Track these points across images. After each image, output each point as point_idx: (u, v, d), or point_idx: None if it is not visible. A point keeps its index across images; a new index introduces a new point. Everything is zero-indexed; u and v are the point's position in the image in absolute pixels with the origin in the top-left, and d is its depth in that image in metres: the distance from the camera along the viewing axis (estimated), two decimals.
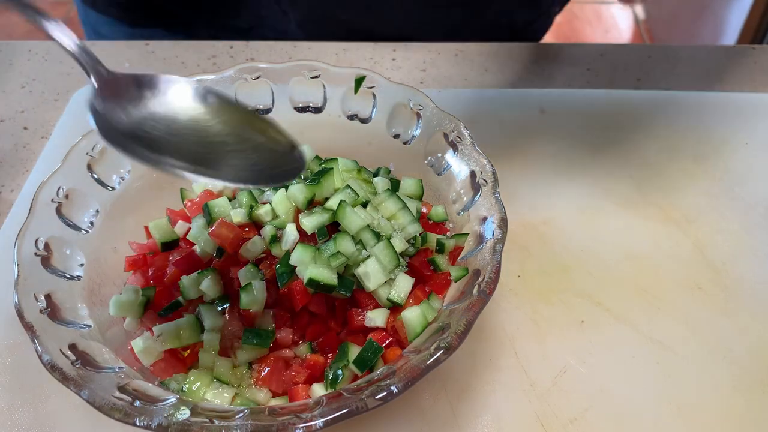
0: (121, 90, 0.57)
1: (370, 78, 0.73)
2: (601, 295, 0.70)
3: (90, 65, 0.57)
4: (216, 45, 1.02)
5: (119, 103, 0.57)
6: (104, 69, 0.57)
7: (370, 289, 0.61)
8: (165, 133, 0.57)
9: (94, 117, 0.53)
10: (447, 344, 0.52)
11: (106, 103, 0.56)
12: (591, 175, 0.83)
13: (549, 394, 0.62)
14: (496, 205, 0.62)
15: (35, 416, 0.60)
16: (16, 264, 0.57)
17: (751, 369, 0.64)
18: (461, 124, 0.69)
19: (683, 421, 0.61)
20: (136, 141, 0.55)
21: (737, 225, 0.77)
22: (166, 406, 0.50)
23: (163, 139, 0.56)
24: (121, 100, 0.57)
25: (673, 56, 1.02)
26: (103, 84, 0.56)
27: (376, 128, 0.74)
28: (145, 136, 0.56)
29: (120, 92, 0.57)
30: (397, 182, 0.71)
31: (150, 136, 0.56)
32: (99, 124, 0.53)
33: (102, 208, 0.67)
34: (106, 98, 0.56)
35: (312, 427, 0.48)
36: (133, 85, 0.58)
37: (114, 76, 0.58)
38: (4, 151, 0.87)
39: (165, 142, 0.56)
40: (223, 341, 0.61)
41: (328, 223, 0.64)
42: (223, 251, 0.65)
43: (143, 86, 0.59)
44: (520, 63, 1.00)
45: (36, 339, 0.52)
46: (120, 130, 0.55)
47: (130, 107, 0.57)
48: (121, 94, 0.57)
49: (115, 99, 0.57)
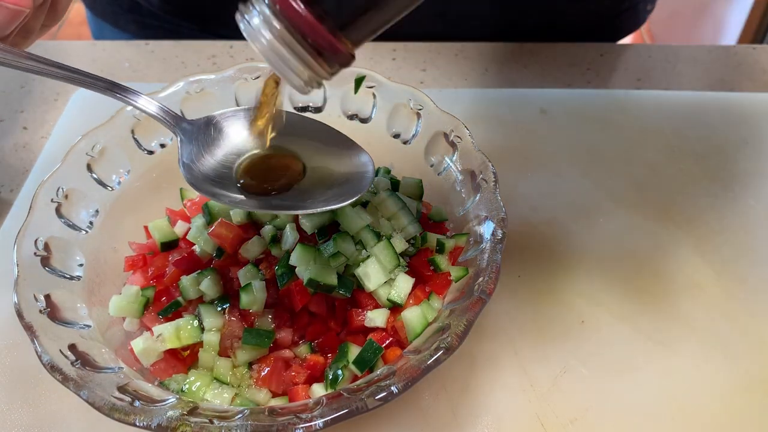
0: (202, 135, 0.61)
1: (370, 78, 0.73)
2: (601, 295, 0.70)
3: (174, 123, 0.61)
4: (216, 45, 1.02)
5: (203, 149, 0.61)
6: (186, 123, 0.61)
7: (370, 289, 0.61)
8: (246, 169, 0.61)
9: (186, 170, 0.57)
10: (447, 344, 0.52)
11: (194, 154, 0.60)
12: (591, 175, 0.83)
13: (549, 394, 0.62)
14: (496, 205, 0.62)
15: (35, 416, 0.60)
16: (16, 264, 0.57)
17: (751, 369, 0.64)
18: (461, 124, 0.68)
19: (683, 421, 0.61)
20: (222, 184, 0.59)
21: (737, 225, 0.77)
22: (166, 406, 0.50)
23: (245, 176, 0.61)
24: (204, 145, 0.61)
25: (673, 56, 1.02)
26: (187, 138, 0.60)
27: (376, 128, 0.74)
28: (228, 174, 0.60)
29: (200, 138, 0.61)
30: (397, 182, 0.71)
31: (235, 175, 0.61)
32: (190, 177, 0.57)
33: (102, 208, 0.67)
34: (192, 150, 0.60)
35: (312, 427, 0.48)
36: (211, 127, 0.62)
37: (194, 125, 0.62)
38: (4, 151, 0.87)
39: (248, 179, 0.60)
40: (223, 341, 0.61)
41: (328, 223, 0.64)
42: (223, 251, 0.65)
43: (216, 126, 0.63)
44: (520, 63, 1.00)
45: (36, 339, 0.52)
46: (209, 177, 0.59)
47: (214, 149, 0.62)
48: (202, 139, 0.61)
49: (198, 146, 0.61)
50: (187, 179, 0.57)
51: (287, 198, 0.60)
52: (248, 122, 0.63)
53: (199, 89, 0.72)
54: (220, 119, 0.63)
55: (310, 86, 0.50)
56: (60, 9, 0.59)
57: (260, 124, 0.61)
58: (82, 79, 0.56)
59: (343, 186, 0.61)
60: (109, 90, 0.58)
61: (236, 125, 0.63)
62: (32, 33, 0.57)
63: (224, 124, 0.63)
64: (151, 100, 0.60)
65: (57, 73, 0.55)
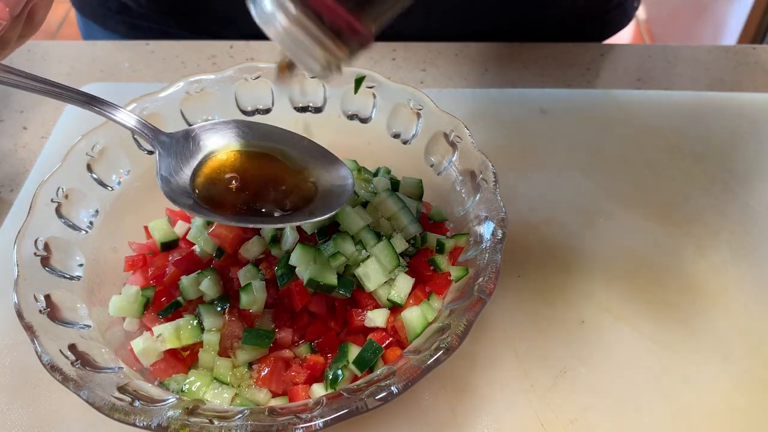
0: (180, 148, 0.61)
1: (370, 78, 0.73)
2: (601, 295, 0.70)
3: (152, 136, 0.60)
4: (216, 45, 1.02)
5: (180, 162, 0.61)
6: (164, 136, 0.61)
7: (370, 289, 0.61)
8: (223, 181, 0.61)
9: (163, 183, 0.57)
10: (447, 344, 0.52)
11: (172, 167, 0.60)
12: (591, 175, 0.83)
13: (549, 394, 0.62)
14: (496, 205, 0.62)
15: (35, 416, 0.60)
16: (16, 264, 0.57)
17: (751, 369, 0.64)
18: (461, 124, 0.69)
19: (683, 421, 0.61)
20: (202, 196, 0.59)
21: (737, 225, 0.77)
22: (166, 406, 0.50)
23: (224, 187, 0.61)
24: (183, 158, 0.61)
25: (673, 56, 1.02)
26: (165, 150, 0.60)
27: (376, 128, 0.74)
28: (209, 186, 0.60)
29: (180, 151, 0.61)
30: (397, 182, 0.71)
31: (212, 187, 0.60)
32: (168, 190, 0.57)
33: (102, 208, 0.67)
34: (170, 163, 0.60)
35: (312, 427, 0.48)
36: (189, 139, 0.62)
37: (172, 138, 0.61)
38: (4, 151, 0.87)
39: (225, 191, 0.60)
40: (223, 341, 0.61)
41: (328, 223, 0.64)
42: (223, 251, 0.65)
43: (195, 139, 0.62)
44: (520, 63, 1.00)
45: (36, 339, 0.52)
46: (187, 190, 0.59)
47: (192, 161, 0.61)
48: (181, 151, 0.61)
49: (177, 158, 0.61)
50: (165, 192, 0.57)
51: (267, 210, 0.60)
52: (226, 134, 0.63)
53: (199, 89, 0.72)
54: (198, 131, 0.63)
55: (329, 71, 0.48)
56: (37, 20, 0.58)
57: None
58: (59, 92, 0.56)
59: (324, 198, 0.61)
60: (87, 104, 0.57)
61: (215, 137, 0.63)
62: (8, 44, 0.56)
63: (203, 137, 0.63)
64: (129, 113, 0.60)
65: (34, 86, 0.55)
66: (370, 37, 0.46)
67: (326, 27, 0.44)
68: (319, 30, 0.44)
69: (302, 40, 0.45)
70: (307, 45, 0.45)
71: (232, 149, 0.63)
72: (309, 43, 0.45)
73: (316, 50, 0.45)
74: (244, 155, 0.63)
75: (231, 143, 0.63)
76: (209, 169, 0.61)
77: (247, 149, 0.63)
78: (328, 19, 0.44)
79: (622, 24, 1.14)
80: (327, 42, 0.45)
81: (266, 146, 0.64)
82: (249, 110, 0.75)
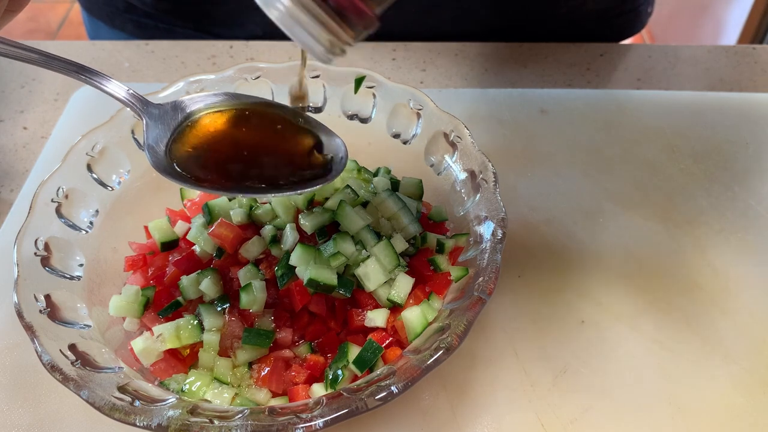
0: (168, 120, 0.61)
1: (370, 78, 0.73)
2: (601, 295, 0.70)
3: (140, 107, 0.60)
4: (216, 45, 1.02)
5: (168, 133, 0.60)
6: (154, 107, 0.60)
7: (370, 289, 0.61)
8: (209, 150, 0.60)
9: (150, 154, 0.57)
10: (447, 344, 0.52)
11: (159, 138, 0.59)
12: (591, 175, 0.83)
13: (549, 394, 0.62)
14: (496, 205, 0.62)
15: (35, 416, 0.60)
16: (16, 264, 0.57)
17: (751, 369, 0.64)
18: (461, 124, 0.69)
19: (683, 421, 0.61)
20: (189, 166, 0.58)
21: (737, 225, 0.77)
22: (166, 406, 0.50)
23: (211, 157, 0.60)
24: (170, 129, 0.60)
25: (673, 56, 1.02)
26: (153, 121, 0.59)
27: (376, 128, 0.74)
28: (196, 157, 0.59)
29: (168, 122, 0.60)
30: (397, 182, 0.71)
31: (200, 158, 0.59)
32: (154, 160, 0.56)
33: (102, 208, 0.67)
34: (158, 134, 0.59)
35: (312, 427, 0.48)
36: (178, 111, 0.61)
37: (161, 109, 0.61)
38: (4, 151, 0.87)
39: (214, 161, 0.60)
40: (223, 341, 0.61)
41: (327, 223, 0.64)
42: (223, 251, 0.65)
43: (184, 109, 0.62)
44: (520, 63, 1.00)
45: (36, 339, 0.52)
46: (175, 160, 0.58)
47: (177, 134, 0.60)
48: (169, 123, 0.60)
49: (165, 129, 0.60)
50: (152, 163, 0.56)
51: (257, 179, 0.59)
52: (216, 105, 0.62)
53: (199, 89, 0.72)
54: (188, 102, 0.62)
55: (332, 54, 0.47)
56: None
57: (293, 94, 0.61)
58: (48, 61, 0.55)
59: (317, 168, 0.60)
60: (77, 73, 0.57)
61: (204, 108, 0.62)
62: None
63: (192, 108, 0.62)
64: (119, 84, 0.59)
65: (21, 54, 0.54)
66: (375, 19, 0.45)
67: (329, 7, 0.43)
68: (323, 10, 0.43)
69: (305, 21, 0.44)
70: (310, 26, 0.44)
71: (222, 120, 0.62)
72: (312, 25, 0.44)
73: (320, 32, 0.44)
74: (234, 126, 0.62)
75: (221, 115, 0.63)
76: (198, 140, 0.61)
77: (238, 121, 0.63)
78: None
79: (635, 29, 1.13)
80: (331, 23, 0.44)
81: (257, 118, 0.63)
82: None
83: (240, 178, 0.59)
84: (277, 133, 0.63)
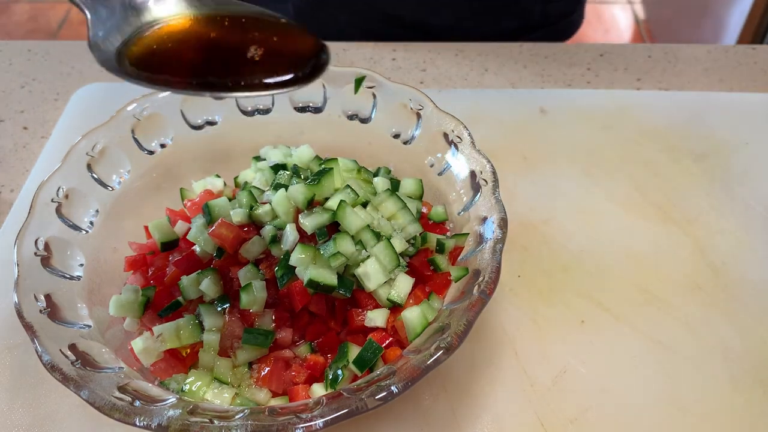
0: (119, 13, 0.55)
1: (370, 78, 0.73)
2: (601, 295, 0.70)
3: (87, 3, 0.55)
4: None
5: (119, 30, 0.55)
6: (100, 4, 0.55)
7: (370, 289, 0.61)
8: (168, 49, 0.55)
9: (95, 52, 0.53)
10: (447, 344, 0.52)
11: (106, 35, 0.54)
12: (591, 175, 0.83)
13: (549, 394, 0.62)
14: (496, 205, 0.62)
15: (35, 416, 0.60)
16: (16, 264, 0.57)
17: (751, 369, 0.64)
18: (461, 124, 0.69)
19: (683, 421, 0.61)
20: (141, 65, 0.53)
21: (737, 225, 0.77)
22: (166, 406, 0.50)
23: (169, 57, 0.54)
24: (120, 26, 0.55)
25: (673, 56, 1.02)
26: (98, 19, 0.55)
27: (376, 128, 0.74)
28: (150, 57, 0.54)
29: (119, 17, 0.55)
30: (397, 182, 0.71)
31: (154, 56, 0.54)
32: (101, 58, 0.52)
33: (102, 208, 0.67)
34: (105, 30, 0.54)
35: (312, 427, 0.48)
36: (129, 8, 0.56)
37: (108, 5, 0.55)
38: (4, 151, 0.87)
39: (173, 61, 0.54)
40: (223, 341, 0.61)
41: (328, 223, 0.64)
42: (223, 251, 0.65)
43: (136, 6, 0.56)
44: (520, 63, 1.00)
45: (36, 339, 0.52)
46: (124, 58, 0.53)
47: (128, 30, 0.55)
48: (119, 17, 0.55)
49: (115, 27, 0.55)
50: (99, 60, 0.52)
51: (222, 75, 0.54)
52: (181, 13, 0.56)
53: None
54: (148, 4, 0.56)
55: None
56: None
57: None
58: None
59: (287, 57, 0.55)
60: None
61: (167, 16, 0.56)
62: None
63: (155, 12, 0.56)
64: None
65: None
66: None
67: None
68: None
69: None
70: None
71: (181, 15, 0.56)
72: None
73: None
74: (201, 26, 0.56)
75: (180, 8, 0.57)
76: (157, 40, 0.55)
77: (205, 22, 0.56)
78: None
79: (579, 23, 1.22)
80: None
81: (222, 13, 0.57)
82: (249, 110, 0.75)
83: (203, 74, 0.54)
84: (248, 32, 0.56)
